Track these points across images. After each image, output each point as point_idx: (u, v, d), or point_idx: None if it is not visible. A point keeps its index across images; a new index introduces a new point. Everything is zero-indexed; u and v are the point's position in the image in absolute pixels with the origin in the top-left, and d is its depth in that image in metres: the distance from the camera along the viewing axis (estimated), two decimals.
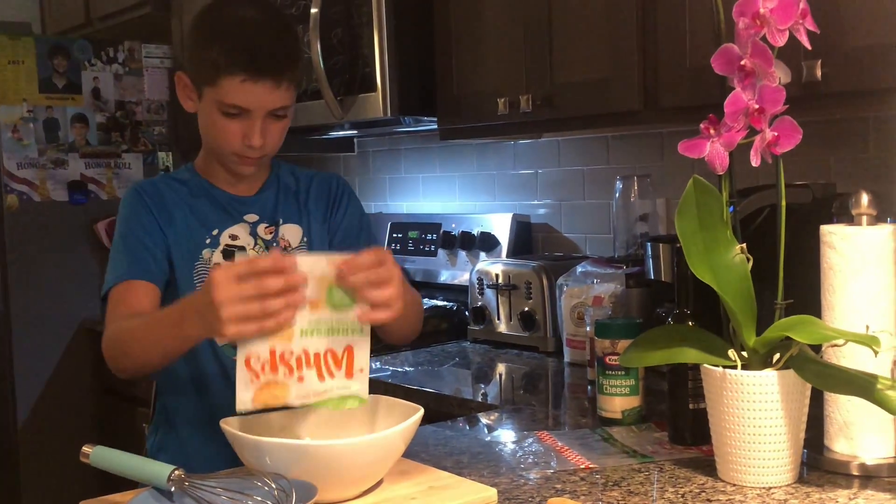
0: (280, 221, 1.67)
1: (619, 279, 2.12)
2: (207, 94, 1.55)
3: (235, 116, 1.54)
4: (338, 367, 1.28)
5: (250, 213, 1.66)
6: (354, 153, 3.25)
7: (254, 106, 1.53)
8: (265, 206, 1.67)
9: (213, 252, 1.62)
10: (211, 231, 1.63)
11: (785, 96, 1.26)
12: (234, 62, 1.51)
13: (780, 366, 1.28)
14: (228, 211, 1.65)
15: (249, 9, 1.57)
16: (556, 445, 1.53)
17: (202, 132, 1.62)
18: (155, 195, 1.63)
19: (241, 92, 1.52)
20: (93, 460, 1.23)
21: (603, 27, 1.91)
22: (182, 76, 1.61)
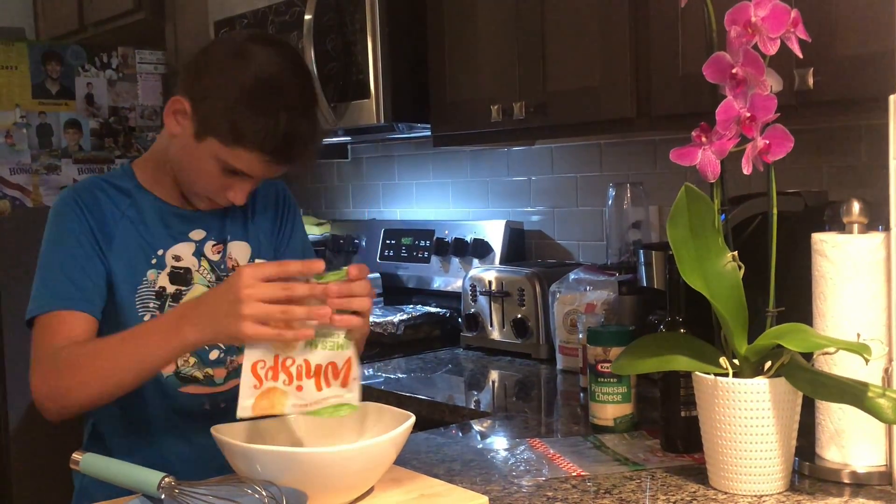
0: (228, 239, 1.60)
1: (611, 286, 2.13)
2: (212, 144, 1.45)
3: (232, 175, 1.48)
4: (336, 377, 1.29)
5: (197, 230, 1.58)
6: (348, 160, 3.25)
7: (259, 176, 1.49)
8: (213, 221, 1.60)
9: (159, 274, 1.53)
10: (156, 250, 1.54)
11: (776, 104, 1.27)
12: (264, 146, 1.43)
13: (772, 374, 1.29)
14: (173, 226, 1.56)
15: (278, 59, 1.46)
16: (547, 453, 1.53)
17: (176, 158, 1.52)
18: (94, 206, 1.51)
19: (255, 165, 1.46)
20: (83, 467, 1.23)
21: (596, 35, 1.91)
22: (183, 102, 1.47)
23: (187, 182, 1.54)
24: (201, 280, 1.56)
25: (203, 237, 1.58)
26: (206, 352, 1.55)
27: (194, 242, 1.57)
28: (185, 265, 1.56)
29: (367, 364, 2.39)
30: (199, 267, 1.57)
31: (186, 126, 1.48)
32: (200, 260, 1.57)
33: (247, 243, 1.62)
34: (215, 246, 1.59)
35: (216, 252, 1.59)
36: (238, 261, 1.60)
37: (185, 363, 1.54)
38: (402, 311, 2.71)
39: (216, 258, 1.59)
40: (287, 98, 1.44)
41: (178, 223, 1.57)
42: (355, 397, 1.31)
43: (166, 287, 1.53)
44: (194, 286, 1.55)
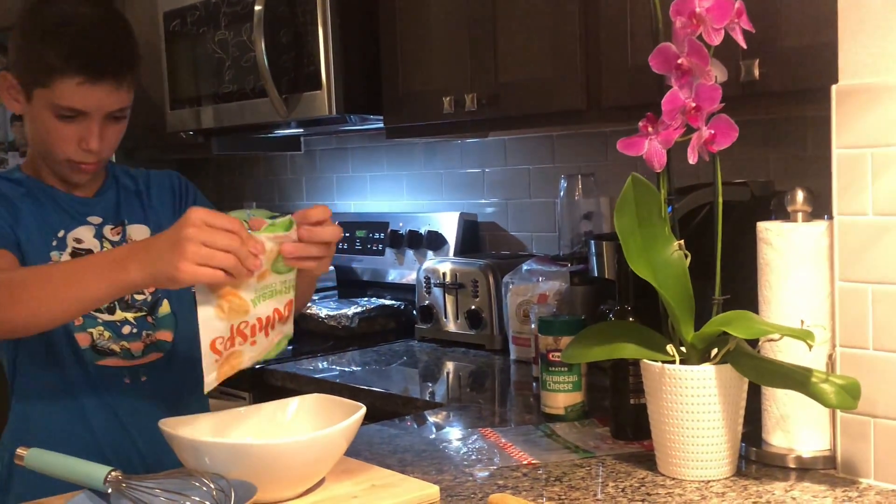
0: (125, 222, 1.61)
1: (563, 277, 2.14)
2: (39, 96, 1.47)
3: (71, 120, 1.48)
4: (281, 319, 1.28)
5: (93, 216, 1.59)
6: (301, 152, 3.23)
7: (92, 108, 1.48)
8: (107, 207, 1.61)
9: (62, 255, 1.54)
10: (56, 233, 1.55)
11: (721, 95, 1.28)
12: (70, 64, 1.44)
13: (718, 360, 1.30)
14: (69, 212, 1.57)
15: (83, 5, 1.50)
16: (499, 442, 1.53)
17: (31, 136, 1.55)
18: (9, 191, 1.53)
19: (78, 94, 1.46)
20: (27, 462, 1.21)
21: (547, 27, 1.92)
22: (7, 76, 1.51)
23: (47, 155, 1.54)
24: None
25: (100, 222, 1.59)
26: (118, 326, 1.56)
27: (93, 226, 1.58)
28: (87, 247, 1.56)
29: (321, 357, 2.38)
30: (102, 248, 1.57)
31: (20, 98, 1.51)
32: (102, 242, 1.58)
33: (146, 226, 1.62)
34: (114, 229, 1.60)
35: (116, 234, 1.59)
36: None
37: (101, 336, 1.54)
38: (356, 303, 2.71)
39: (116, 239, 1.59)
40: (76, 17, 1.48)
41: (75, 207, 1.58)
42: (291, 326, 1.31)
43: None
44: None
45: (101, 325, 1.55)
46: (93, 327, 1.55)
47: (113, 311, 1.56)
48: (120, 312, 1.57)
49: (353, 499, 1.23)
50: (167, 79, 2.83)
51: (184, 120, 2.80)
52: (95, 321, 1.55)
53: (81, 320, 1.54)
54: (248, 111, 2.53)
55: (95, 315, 1.55)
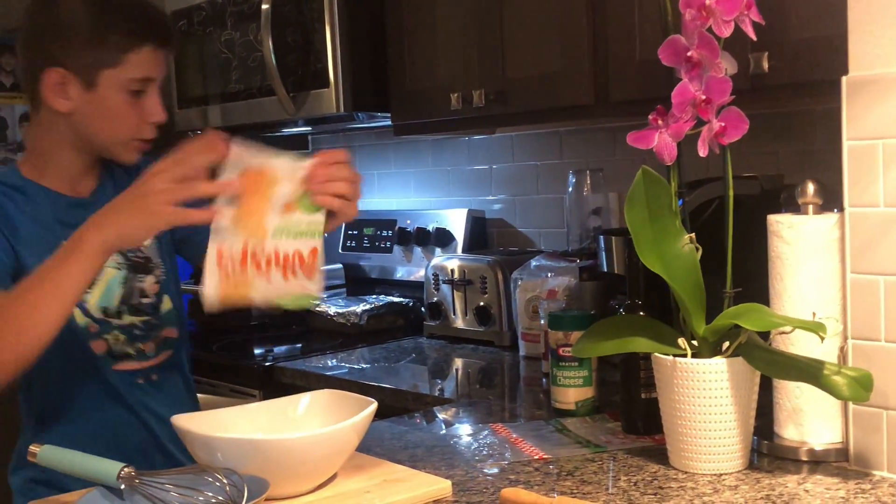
0: None
1: (572, 272, 2.14)
2: (107, 79, 1.49)
3: (138, 94, 1.52)
4: (302, 267, 1.27)
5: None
6: (308, 150, 3.24)
7: (157, 74, 1.54)
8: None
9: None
10: (59, 240, 1.48)
11: (731, 87, 1.28)
12: (141, 34, 1.50)
13: (729, 353, 1.30)
14: (69, 217, 1.52)
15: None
16: (510, 437, 1.53)
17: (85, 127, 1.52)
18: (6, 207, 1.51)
19: (151, 63, 1.52)
20: (40, 459, 1.21)
21: (554, 21, 1.92)
22: (55, 72, 1.49)
23: (108, 138, 1.54)
24: (110, 263, 1.56)
25: None
26: (130, 329, 1.58)
27: None
28: None
29: (330, 354, 2.38)
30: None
31: (73, 87, 1.50)
32: None
33: None
34: None
35: None
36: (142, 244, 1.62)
37: (117, 340, 1.56)
38: (364, 301, 2.71)
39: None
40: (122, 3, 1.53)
41: (74, 212, 1.53)
42: (318, 288, 1.29)
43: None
44: (105, 270, 1.54)
45: (116, 329, 1.56)
46: (108, 333, 1.56)
47: (121, 316, 1.58)
48: (128, 317, 1.58)
49: (365, 493, 1.23)
50: (175, 78, 2.83)
51: (191, 119, 2.80)
52: (110, 326, 1.56)
53: (97, 327, 1.55)
54: (256, 110, 2.53)
55: (109, 320, 1.56)
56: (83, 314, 1.54)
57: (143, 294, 1.60)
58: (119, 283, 1.58)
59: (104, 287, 1.56)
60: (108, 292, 1.57)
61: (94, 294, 1.55)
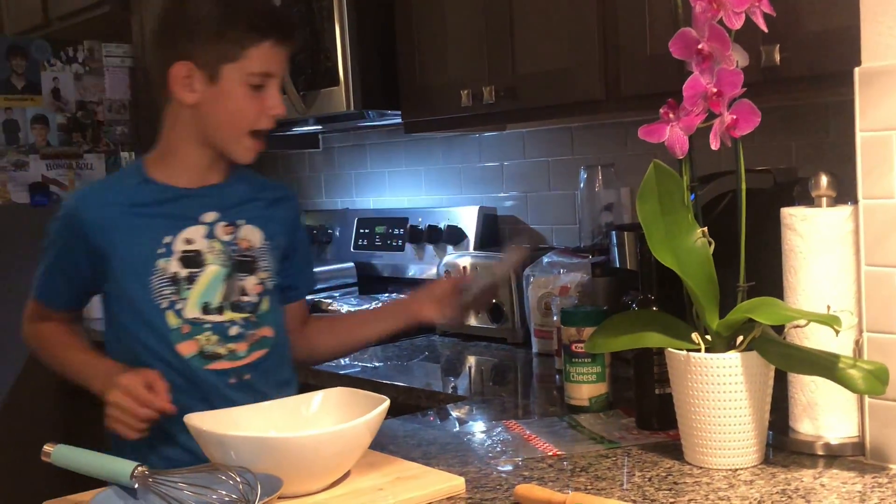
0: (241, 222, 1.63)
1: (584, 268, 2.13)
2: (228, 72, 1.54)
3: (258, 89, 1.56)
4: None
5: (209, 211, 1.60)
6: (319, 149, 3.24)
7: (277, 70, 1.58)
8: (226, 201, 1.63)
9: (169, 261, 1.56)
10: (162, 239, 1.57)
11: (743, 79, 1.27)
12: (261, 30, 1.54)
13: (743, 348, 1.29)
14: (184, 210, 1.59)
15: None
16: (524, 434, 1.53)
17: (208, 120, 1.57)
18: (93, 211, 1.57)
19: (270, 57, 1.56)
20: (54, 459, 1.22)
21: (564, 16, 1.91)
22: (183, 65, 1.54)
23: (228, 131, 1.58)
24: (213, 260, 1.59)
25: (215, 218, 1.61)
26: (225, 327, 1.59)
27: (206, 225, 1.60)
28: (196, 248, 1.59)
29: None
30: (211, 248, 1.60)
31: (199, 80, 1.55)
32: (212, 241, 1.60)
33: (261, 230, 1.64)
34: (226, 227, 1.61)
35: (227, 233, 1.61)
36: (252, 242, 1.63)
37: (209, 341, 1.58)
38: (377, 299, 2.70)
39: (228, 238, 1.61)
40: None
41: (189, 205, 1.60)
42: None
43: (179, 272, 1.57)
44: (207, 267, 1.58)
45: (208, 329, 1.57)
46: (200, 334, 1.57)
47: (222, 312, 1.59)
48: (229, 313, 1.59)
49: (378, 491, 1.23)
50: None
51: None
52: (202, 327, 1.57)
53: (189, 328, 1.56)
54: None
55: (203, 319, 1.57)
56: (176, 316, 1.56)
57: (243, 292, 1.61)
58: (222, 280, 1.59)
59: (206, 283, 1.58)
60: (211, 288, 1.58)
61: (195, 291, 1.57)
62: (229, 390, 1.58)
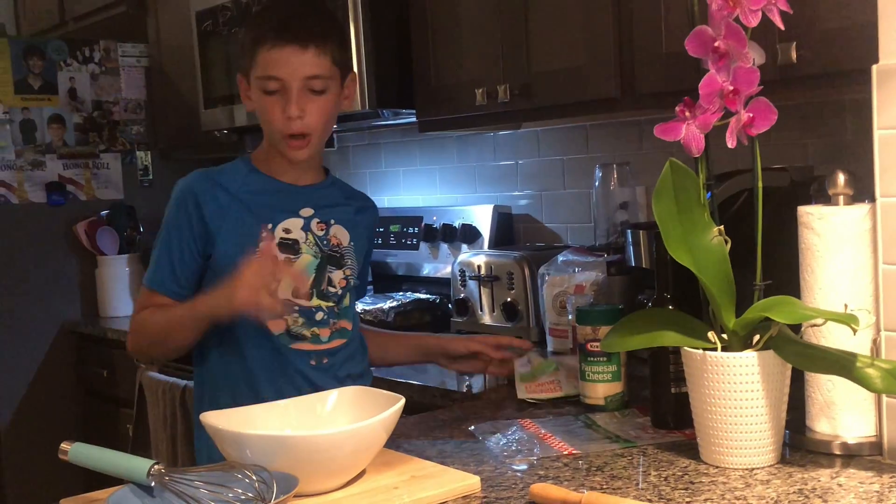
0: (332, 221, 1.74)
1: (600, 267, 2.12)
2: (252, 80, 1.65)
3: (274, 93, 1.62)
4: None
5: (306, 207, 1.71)
6: (334, 148, 3.24)
7: (285, 73, 1.60)
8: (321, 201, 1.74)
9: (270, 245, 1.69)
10: (266, 224, 1.68)
11: (759, 77, 1.27)
12: (264, 33, 1.62)
13: (760, 346, 1.29)
14: (285, 202, 1.71)
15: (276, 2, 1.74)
16: (539, 433, 1.53)
17: (262, 125, 1.70)
18: (207, 193, 1.67)
19: (271, 61, 1.61)
20: (71, 457, 1.22)
21: (579, 15, 1.91)
22: (239, 79, 1.70)
23: (270, 137, 1.69)
24: (308, 250, 1.71)
25: (311, 214, 1.72)
26: (312, 311, 1.71)
27: (303, 218, 1.71)
28: (294, 237, 1.70)
29: None
30: (307, 239, 1.71)
31: (248, 92, 1.69)
32: (308, 234, 1.71)
33: (347, 231, 1.76)
34: (319, 224, 1.73)
35: (320, 229, 1.73)
36: (341, 241, 1.75)
37: (296, 322, 1.69)
38: (391, 298, 2.71)
39: (320, 234, 1.73)
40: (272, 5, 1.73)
41: (289, 199, 1.72)
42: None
43: (277, 255, 1.65)
44: (302, 255, 1.70)
45: (296, 312, 1.68)
46: (289, 314, 1.68)
47: (310, 298, 1.70)
48: (316, 300, 1.71)
49: (394, 490, 1.23)
50: (200, 78, 2.85)
51: (217, 119, 2.81)
52: (292, 308, 1.67)
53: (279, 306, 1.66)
54: None
55: (294, 302, 1.67)
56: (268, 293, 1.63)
57: (330, 283, 1.72)
58: (313, 269, 1.70)
59: (301, 269, 1.69)
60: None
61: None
62: (311, 370, 1.69)
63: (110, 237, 3.31)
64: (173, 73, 3.26)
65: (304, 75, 1.61)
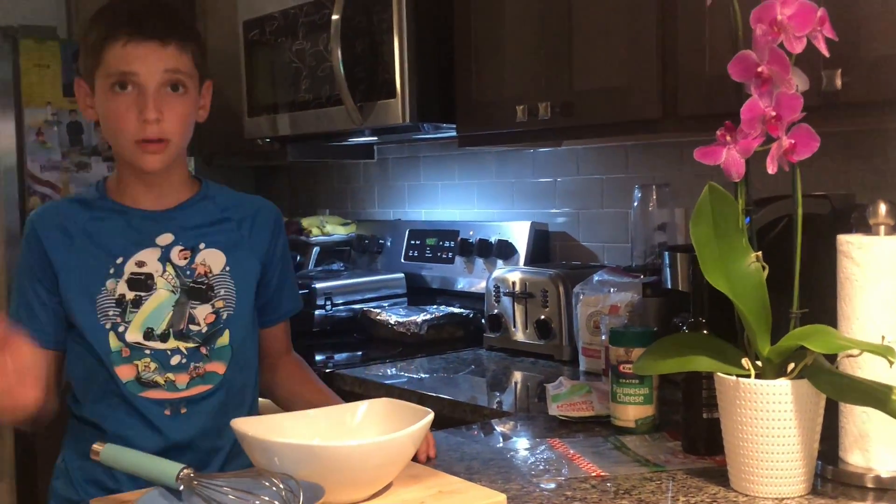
0: (201, 246, 1.59)
1: (635, 288, 2.11)
2: (98, 78, 1.51)
3: (125, 90, 1.49)
4: None
5: (164, 234, 1.57)
6: (374, 160, 3.26)
7: (141, 70, 1.48)
8: (185, 224, 1.59)
9: (118, 282, 1.53)
10: (115, 259, 1.54)
11: (802, 104, 1.26)
12: (114, 27, 1.49)
13: (795, 375, 1.27)
14: (138, 231, 1.56)
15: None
16: (568, 453, 1.52)
17: (104, 133, 1.57)
18: (51, 227, 1.55)
19: (124, 55, 1.48)
20: (103, 458, 1.24)
21: (623, 34, 1.91)
22: (79, 82, 1.57)
23: (117, 143, 1.54)
24: (164, 285, 1.55)
25: (170, 242, 1.57)
26: (168, 355, 1.55)
27: (160, 248, 1.57)
28: (147, 271, 1.55)
29: (389, 363, 2.39)
30: (164, 272, 1.56)
31: (87, 95, 1.55)
32: (165, 265, 1.56)
33: (222, 253, 1.60)
34: (182, 251, 1.57)
35: (183, 258, 1.57)
36: (211, 268, 1.58)
37: (147, 368, 1.54)
38: (425, 311, 2.71)
39: (183, 263, 1.57)
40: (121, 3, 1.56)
41: (145, 227, 1.57)
42: None
43: (126, 294, 1.53)
44: (156, 291, 1.55)
45: (148, 356, 1.53)
46: (139, 359, 1.53)
47: (166, 340, 1.55)
48: (173, 341, 1.55)
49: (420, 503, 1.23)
50: (245, 87, 2.88)
51: (261, 127, 2.84)
52: (143, 352, 1.53)
53: (128, 352, 1.53)
54: (324, 119, 2.56)
55: (144, 345, 1.53)
56: (117, 339, 1.53)
57: (192, 321, 1.56)
58: (170, 306, 1.55)
59: (152, 309, 1.55)
60: (157, 314, 1.55)
61: (140, 315, 1.54)
62: (164, 421, 1.54)
63: None
64: (219, 81, 3.27)
65: (165, 68, 1.49)
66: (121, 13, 1.52)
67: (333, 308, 2.81)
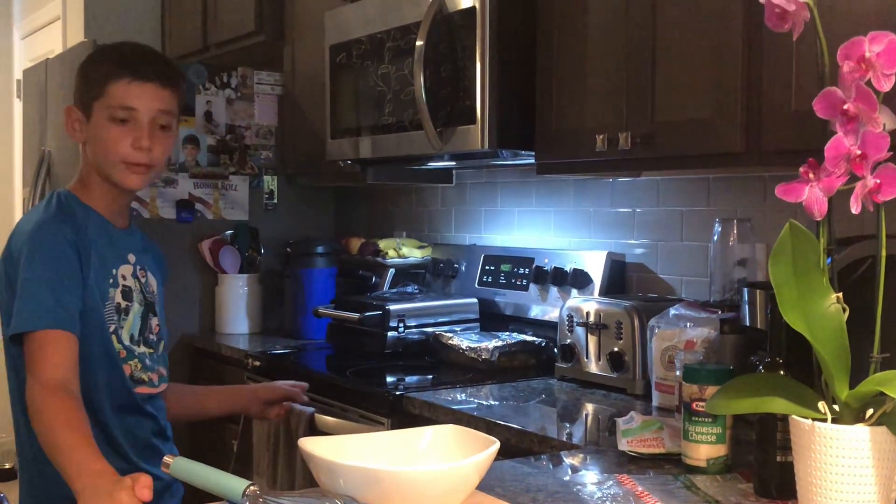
0: (146, 268, 1.87)
1: (713, 324, 2.07)
2: (97, 108, 1.75)
3: (124, 123, 1.73)
4: None
5: (130, 252, 1.83)
6: (452, 184, 3.27)
7: (141, 106, 1.73)
8: (136, 246, 1.87)
9: (116, 291, 1.78)
10: (111, 270, 1.78)
11: (889, 143, 1.22)
12: (121, 67, 1.74)
13: (873, 422, 1.23)
14: (117, 248, 1.81)
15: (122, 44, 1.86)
16: (636, 490, 1.50)
17: (92, 153, 1.78)
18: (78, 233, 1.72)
19: (129, 92, 1.73)
20: (173, 470, 1.26)
21: (708, 67, 1.89)
22: (71, 109, 1.80)
23: (107, 162, 1.76)
24: (137, 298, 1.83)
25: (134, 260, 1.84)
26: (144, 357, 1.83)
27: (131, 264, 1.83)
28: (129, 284, 1.81)
29: (459, 388, 2.39)
30: (136, 286, 1.83)
31: (80, 121, 1.79)
32: (136, 280, 1.83)
33: (155, 279, 1.90)
34: (141, 270, 1.86)
35: (142, 276, 1.86)
36: (153, 287, 1.88)
37: (136, 367, 1.80)
38: (497, 337, 2.70)
39: (143, 280, 1.86)
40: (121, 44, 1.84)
41: (121, 243, 1.83)
42: None
43: (120, 303, 1.77)
44: (134, 303, 1.82)
45: (136, 357, 1.80)
46: (132, 360, 1.79)
47: (139, 345, 1.82)
48: (143, 347, 1.83)
49: None
50: (329, 109, 2.93)
51: (343, 149, 2.88)
52: (133, 354, 1.80)
53: (125, 353, 1.77)
54: (405, 143, 2.59)
55: (131, 348, 1.79)
56: (117, 341, 1.77)
57: (150, 330, 1.84)
58: (140, 316, 1.82)
59: (133, 317, 1.81)
60: (135, 322, 1.81)
61: (127, 322, 1.79)
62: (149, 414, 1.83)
63: (232, 256, 3.42)
64: (304, 103, 3.36)
65: (159, 108, 1.75)
66: (127, 55, 1.78)
67: (406, 330, 2.82)
